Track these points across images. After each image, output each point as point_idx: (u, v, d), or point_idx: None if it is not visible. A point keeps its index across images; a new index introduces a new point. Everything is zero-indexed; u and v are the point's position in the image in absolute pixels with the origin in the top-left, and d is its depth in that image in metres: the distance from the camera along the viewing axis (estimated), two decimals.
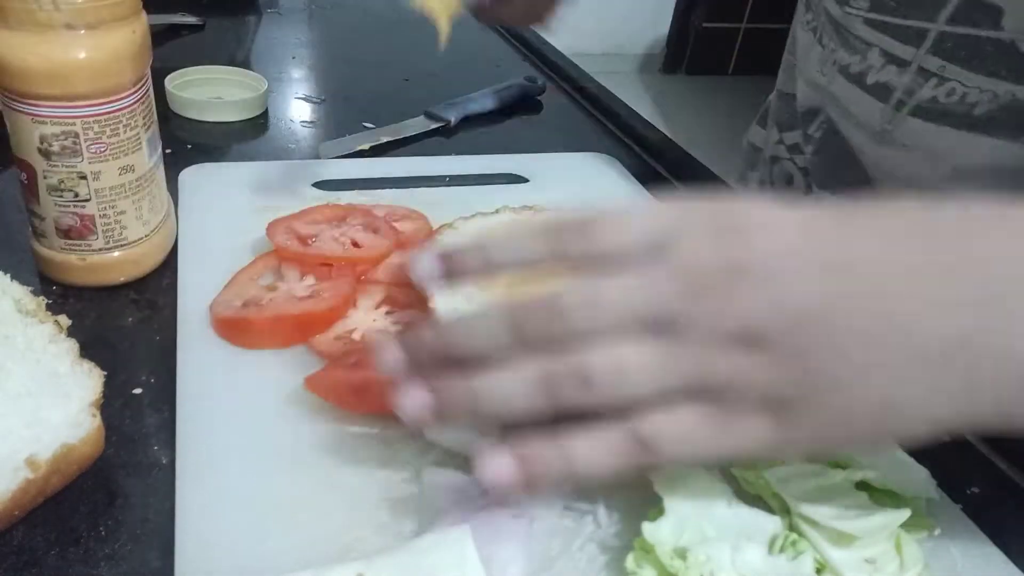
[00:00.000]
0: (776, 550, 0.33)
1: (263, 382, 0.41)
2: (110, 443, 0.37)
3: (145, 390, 0.42)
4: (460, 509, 0.35)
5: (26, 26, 0.40)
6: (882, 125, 0.55)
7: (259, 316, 0.43)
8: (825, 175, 0.64)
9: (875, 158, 0.58)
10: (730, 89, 3.46)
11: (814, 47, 0.63)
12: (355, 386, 0.40)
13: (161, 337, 0.45)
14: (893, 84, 0.53)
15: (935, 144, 0.53)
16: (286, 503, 0.35)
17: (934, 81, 0.51)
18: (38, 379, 0.36)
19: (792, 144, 0.69)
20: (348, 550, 0.33)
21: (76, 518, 0.35)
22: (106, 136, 0.44)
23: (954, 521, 0.38)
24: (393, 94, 0.83)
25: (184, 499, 0.35)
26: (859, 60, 0.56)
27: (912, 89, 0.52)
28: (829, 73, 0.60)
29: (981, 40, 0.48)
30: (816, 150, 0.65)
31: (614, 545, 0.35)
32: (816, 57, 0.62)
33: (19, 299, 0.40)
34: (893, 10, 0.52)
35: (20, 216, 0.49)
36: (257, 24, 1.00)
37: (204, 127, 0.72)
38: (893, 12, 0.52)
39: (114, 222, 0.47)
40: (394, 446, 0.39)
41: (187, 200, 0.56)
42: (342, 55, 0.95)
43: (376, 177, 0.62)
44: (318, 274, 0.48)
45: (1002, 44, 0.48)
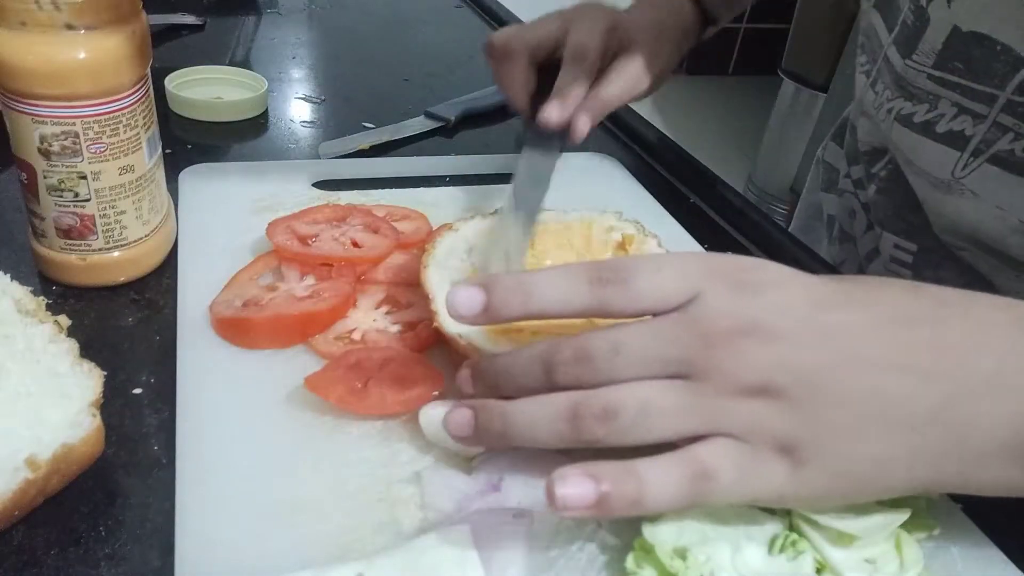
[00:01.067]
0: (776, 550, 0.33)
1: (263, 382, 0.41)
2: (110, 443, 0.37)
3: (145, 390, 0.42)
4: (460, 509, 0.35)
5: (26, 26, 0.40)
6: (951, 173, 0.54)
7: (259, 316, 0.43)
8: (887, 215, 0.63)
9: (937, 207, 0.57)
10: (730, 89, 3.45)
11: (867, 92, 0.62)
12: (355, 386, 0.40)
13: (161, 337, 0.45)
14: (969, 133, 0.52)
15: (1006, 194, 0.52)
16: (286, 503, 0.35)
17: (1011, 135, 0.50)
18: (38, 379, 0.36)
19: (857, 179, 0.68)
20: (348, 550, 0.33)
21: (76, 518, 0.35)
22: (106, 136, 0.44)
23: (954, 521, 0.38)
24: (393, 94, 0.83)
25: (184, 499, 0.35)
26: (925, 109, 0.55)
27: (989, 140, 0.51)
28: (886, 120, 0.59)
29: None
30: (880, 189, 0.64)
31: (614, 545, 0.35)
32: (870, 102, 0.62)
33: (19, 299, 0.40)
34: (960, 72, 0.52)
35: (20, 216, 0.49)
36: (257, 24, 1.00)
37: (204, 127, 0.72)
38: (960, 74, 0.52)
39: (114, 222, 0.47)
40: (394, 446, 0.39)
41: (187, 200, 0.56)
42: (342, 55, 0.95)
43: (376, 177, 0.62)
44: (318, 274, 0.48)
45: None
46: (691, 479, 0.31)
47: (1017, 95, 0.49)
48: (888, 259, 0.64)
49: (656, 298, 0.33)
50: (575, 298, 0.34)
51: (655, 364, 0.32)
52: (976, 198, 0.53)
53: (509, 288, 0.34)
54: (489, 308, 0.34)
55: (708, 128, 3.04)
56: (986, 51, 0.50)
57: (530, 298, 0.34)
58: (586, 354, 0.33)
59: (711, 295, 0.32)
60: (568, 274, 0.34)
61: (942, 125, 0.54)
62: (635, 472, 0.31)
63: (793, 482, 0.32)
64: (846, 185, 0.70)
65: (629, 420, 0.32)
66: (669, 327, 0.32)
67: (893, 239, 0.63)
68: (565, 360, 0.33)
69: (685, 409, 0.32)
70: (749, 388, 0.31)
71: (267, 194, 0.57)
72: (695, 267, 0.34)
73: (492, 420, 0.34)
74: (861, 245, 0.68)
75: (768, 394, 0.31)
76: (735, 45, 3.57)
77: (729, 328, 0.32)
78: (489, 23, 1.08)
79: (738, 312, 0.32)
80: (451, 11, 1.13)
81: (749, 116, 3.02)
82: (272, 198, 0.57)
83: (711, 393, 0.32)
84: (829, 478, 0.32)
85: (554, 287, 0.34)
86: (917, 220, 0.60)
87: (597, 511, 0.31)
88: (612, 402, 0.32)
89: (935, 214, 0.58)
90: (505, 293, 0.34)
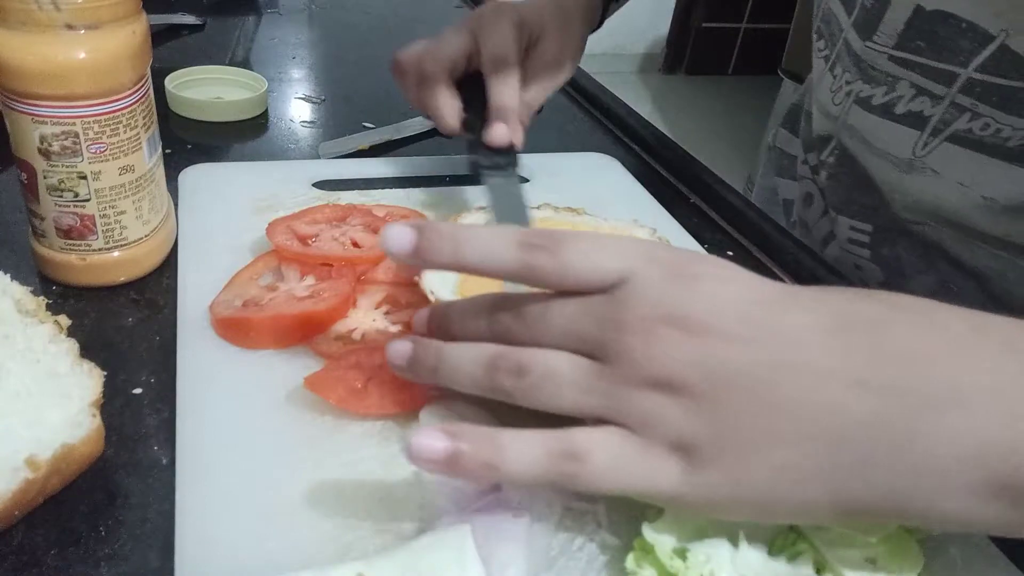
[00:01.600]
0: (776, 550, 0.33)
1: (263, 382, 0.41)
2: (110, 443, 0.37)
3: (145, 390, 0.42)
4: (460, 509, 0.35)
5: (26, 26, 0.40)
6: (912, 153, 0.55)
7: (259, 316, 0.43)
8: (840, 199, 0.65)
9: (899, 186, 0.58)
10: (730, 89, 3.46)
11: (825, 76, 0.63)
12: (355, 386, 0.40)
13: (161, 337, 0.45)
14: (928, 113, 0.53)
15: (967, 172, 0.53)
16: (286, 503, 0.35)
17: (968, 115, 0.51)
18: (38, 379, 0.36)
19: (813, 165, 0.69)
20: (348, 550, 0.33)
21: (76, 518, 0.35)
22: (106, 136, 0.44)
23: None
24: (393, 94, 0.83)
25: (184, 499, 0.35)
26: (884, 92, 0.56)
27: (947, 120, 0.52)
28: (843, 103, 0.60)
29: (1013, 88, 0.49)
30: (830, 175, 0.65)
31: (614, 545, 0.35)
32: (827, 86, 0.63)
33: (19, 299, 0.40)
34: (922, 51, 0.52)
35: (20, 216, 0.49)
36: (257, 24, 1.00)
37: (204, 127, 0.72)
38: (922, 53, 0.52)
39: (114, 222, 0.47)
40: (394, 446, 0.39)
41: (187, 200, 0.56)
42: (342, 55, 0.95)
43: (376, 177, 0.62)
44: (318, 274, 0.48)
45: None
46: (554, 456, 0.31)
47: (980, 73, 0.50)
48: (845, 240, 0.65)
49: (585, 272, 0.33)
50: (503, 258, 0.33)
51: (571, 338, 0.32)
52: (938, 176, 0.54)
53: (441, 235, 0.34)
54: (418, 250, 0.34)
55: (708, 128, 3.04)
56: (951, 29, 0.51)
57: (459, 248, 0.34)
58: (520, 312, 0.34)
59: (641, 279, 0.32)
60: (501, 234, 0.34)
61: (901, 106, 0.55)
62: (497, 438, 0.32)
63: (688, 484, 0.31)
64: (804, 171, 0.71)
65: (534, 382, 0.32)
66: (593, 305, 0.32)
67: (848, 222, 0.64)
68: (504, 313, 0.34)
69: (586, 388, 0.32)
70: (654, 380, 0.30)
71: (267, 194, 0.57)
72: (633, 251, 0.33)
73: (427, 355, 0.35)
74: (816, 229, 0.70)
75: (673, 389, 0.30)
76: (735, 45, 3.57)
77: (649, 316, 0.31)
78: None
79: (663, 301, 0.31)
80: (451, 11, 1.13)
81: (749, 116, 3.02)
82: (272, 198, 0.57)
83: (615, 378, 0.31)
84: (730, 486, 0.30)
85: (485, 243, 0.34)
86: (870, 201, 0.62)
87: (449, 468, 0.31)
88: (525, 361, 0.32)
89: (897, 193, 0.59)
90: (436, 239, 0.34)
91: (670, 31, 3.57)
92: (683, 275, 0.32)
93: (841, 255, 0.66)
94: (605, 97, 0.84)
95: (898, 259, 0.62)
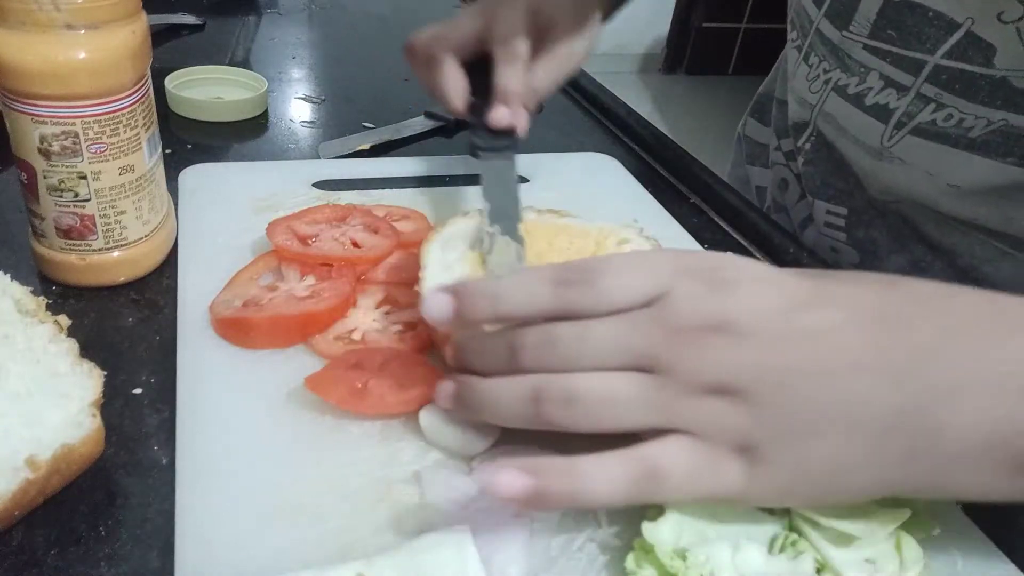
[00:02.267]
0: (776, 550, 0.33)
1: (263, 382, 0.41)
2: (110, 443, 0.37)
3: (145, 390, 0.42)
4: (460, 509, 0.35)
5: (26, 26, 0.40)
6: (880, 143, 0.57)
7: (259, 316, 0.43)
8: (818, 184, 0.66)
9: (872, 171, 0.60)
10: (730, 89, 3.45)
11: (800, 65, 0.65)
12: (355, 386, 0.40)
13: (161, 337, 0.45)
14: (893, 106, 0.55)
15: (932, 161, 0.55)
16: (286, 503, 0.35)
17: (932, 106, 0.53)
18: (38, 379, 0.36)
19: (788, 151, 0.71)
20: (348, 550, 0.33)
21: (76, 518, 0.35)
22: (106, 136, 0.44)
23: (954, 521, 0.38)
24: (393, 94, 0.83)
25: (184, 499, 0.35)
26: (857, 82, 0.58)
27: (911, 112, 0.55)
28: (821, 91, 0.61)
29: (974, 75, 0.51)
30: (807, 161, 0.66)
31: (614, 545, 0.35)
32: (803, 75, 0.64)
33: (19, 299, 0.40)
34: (893, 40, 0.54)
35: (20, 216, 0.49)
36: (257, 24, 1.00)
37: (204, 127, 0.72)
38: (893, 42, 0.54)
39: (114, 222, 0.47)
40: (394, 446, 0.39)
41: (187, 200, 0.56)
42: (342, 55, 0.95)
43: (376, 177, 0.62)
44: (318, 274, 0.48)
45: (994, 79, 0.50)
46: (636, 479, 0.31)
47: (946, 59, 0.51)
48: (822, 224, 0.66)
49: (623, 296, 0.33)
50: (541, 301, 0.34)
51: (620, 354, 0.32)
52: (905, 164, 0.56)
53: (478, 294, 0.35)
54: (459, 313, 0.35)
55: (708, 128, 3.04)
56: (918, 18, 0.53)
57: (497, 302, 0.35)
58: (551, 338, 0.33)
59: (682, 291, 0.32)
60: (534, 278, 0.35)
61: (870, 98, 0.57)
62: (576, 468, 0.32)
63: (751, 482, 0.32)
64: (777, 158, 0.73)
65: (589, 407, 0.32)
66: (638, 320, 0.33)
67: (825, 205, 0.65)
68: (530, 343, 0.34)
69: (645, 403, 0.32)
70: (711, 386, 0.31)
71: (267, 194, 0.57)
72: (665, 264, 0.34)
73: (467, 395, 0.36)
74: (795, 213, 0.71)
75: (729, 393, 0.31)
76: (735, 45, 3.57)
77: (697, 324, 0.32)
78: None
79: (708, 309, 0.32)
80: (451, 11, 1.13)
81: None
82: (272, 198, 0.57)
83: (673, 388, 0.32)
84: (787, 478, 0.32)
85: (520, 291, 0.35)
86: (845, 186, 0.63)
87: (533, 504, 0.32)
88: (572, 388, 0.32)
89: (870, 178, 0.61)
90: (473, 299, 0.35)
91: (670, 31, 3.57)
92: (719, 282, 0.33)
93: (819, 238, 0.68)
94: (605, 97, 0.84)
95: (873, 241, 0.64)
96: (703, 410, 0.32)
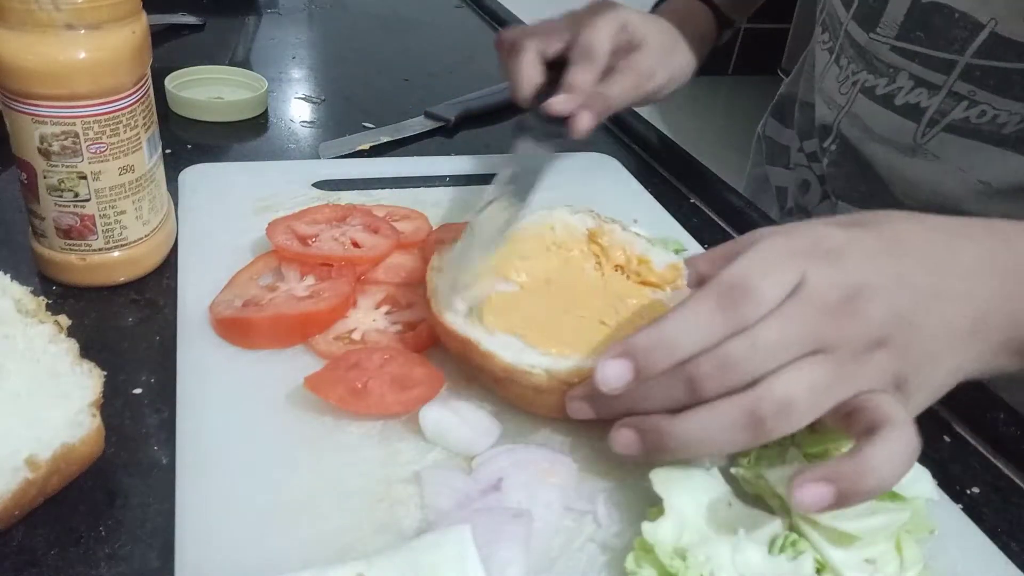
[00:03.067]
0: (776, 550, 0.33)
1: (263, 382, 0.41)
2: (110, 443, 0.37)
3: (145, 390, 0.42)
4: (460, 509, 0.35)
5: (26, 26, 0.40)
6: (914, 140, 0.58)
7: (259, 316, 0.43)
8: (842, 185, 0.67)
9: (901, 169, 0.60)
10: (730, 89, 3.45)
11: (831, 67, 0.65)
12: (355, 386, 0.40)
13: (161, 337, 0.45)
14: (924, 105, 0.56)
15: (965, 157, 0.56)
16: (286, 503, 0.35)
17: (965, 103, 0.54)
18: (38, 379, 0.36)
19: (811, 152, 0.71)
20: (348, 550, 0.33)
21: (76, 518, 0.35)
22: (106, 136, 0.44)
23: (954, 521, 0.38)
24: (393, 94, 0.83)
25: (184, 499, 0.35)
26: (886, 82, 0.58)
27: (944, 110, 0.55)
28: (849, 92, 0.62)
29: (1008, 71, 0.51)
30: (832, 162, 0.67)
31: (614, 545, 0.35)
32: (833, 76, 0.64)
33: (19, 299, 0.40)
34: (921, 40, 0.55)
35: (20, 216, 0.49)
36: (257, 24, 1.00)
37: (204, 127, 0.72)
38: (921, 43, 0.55)
39: (114, 222, 0.47)
40: (394, 446, 0.39)
41: (187, 200, 0.56)
42: (342, 55, 0.95)
43: (376, 177, 0.62)
44: (318, 274, 0.48)
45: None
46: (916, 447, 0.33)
47: (976, 58, 0.52)
48: None
49: (776, 295, 0.34)
50: (715, 328, 0.34)
51: (794, 347, 0.34)
52: (937, 161, 0.57)
53: (652, 348, 0.34)
54: (639, 372, 0.34)
55: (708, 128, 3.04)
56: (945, 19, 0.54)
57: (675, 348, 0.34)
58: (728, 361, 0.34)
59: (813, 274, 0.34)
60: (700, 310, 0.34)
61: (900, 98, 0.58)
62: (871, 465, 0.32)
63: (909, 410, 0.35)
64: (799, 159, 0.73)
65: (804, 406, 0.33)
66: (793, 312, 0.34)
67: (848, 208, 0.66)
68: (709, 373, 0.34)
69: (839, 379, 0.34)
70: (872, 342, 0.34)
71: (267, 194, 0.57)
72: (786, 252, 0.35)
73: (661, 439, 0.35)
74: (816, 214, 0.72)
75: (884, 344, 0.34)
76: (735, 45, 3.57)
77: (841, 297, 0.34)
78: (489, 23, 1.08)
79: (841, 281, 0.34)
80: (451, 11, 1.13)
81: (749, 116, 3.03)
82: (272, 198, 0.57)
83: (849, 358, 0.34)
84: (925, 398, 0.36)
85: (693, 330, 0.34)
86: (867, 188, 0.64)
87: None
88: (784, 396, 0.33)
89: (897, 178, 0.61)
90: (650, 354, 0.34)
91: None
92: (830, 253, 0.35)
93: None
94: None
95: None
96: (875, 365, 0.34)
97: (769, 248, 0.35)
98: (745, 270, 0.35)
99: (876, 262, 0.35)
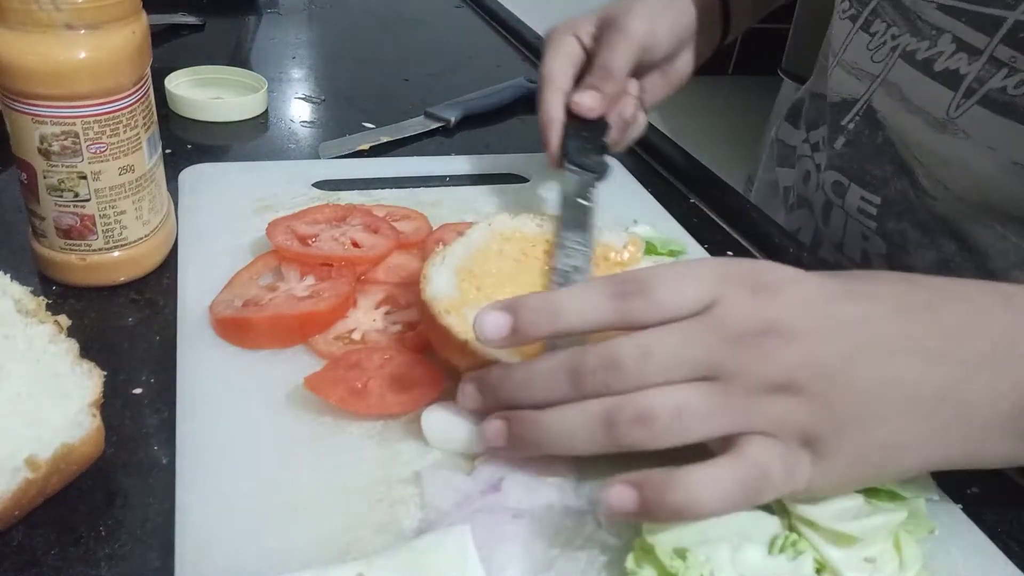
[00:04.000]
0: (776, 550, 0.33)
1: (263, 382, 0.41)
2: (110, 443, 0.37)
3: (145, 390, 0.42)
4: (460, 509, 0.35)
5: (26, 26, 0.40)
6: (945, 112, 0.56)
7: (259, 316, 0.43)
8: (854, 167, 0.65)
9: (929, 145, 0.59)
10: (730, 89, 3.45)
11: (857, 35, 0.64)
12: (355, 386, 0.40)
13: (161, 337, 0.45)
14: (964, 71, 0.54)
15: (997, 136, 0.54)
16: (286, 503, 0.35)
17: (1005, 71, 0.52)
18: (38, 379, 0.36)
19: (815, 142, 0.70)
20: (348, 550, 0.33)
21: (76, 518, 0.35)
22: (106, 136, 0.44)
23: (954, 521, 0.38)
24: (393, 94, 0.83)
25: (184, 499, 0.35)
26: (928, 46, 0.57)
27: (982, 78, 0.53)
28: (886, 59, 0.60)
29: None
30: (848, 141, 0.65)
31: (614, 545, 0.35)
32: (862, 45, 0.63)
33: (19, 299, 0.40)
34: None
35: (20, 216, 0.49)
36: (257, 24, 1.00)
37: (204, 127, 0.72)
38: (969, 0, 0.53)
39: (114, 222, 0.47)
40: (394, 446, 0.39)
41: (187, 200, 0.56)
42: (342, 55, 0.95)
43: (376, 177, 0.62)
44: (318, 274, 0.48)
45: None
46: (747, 482, 0.32)
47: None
48: (855, 210, 0.66)
49: (677, 305, 0.34)
50: (600, 313, 0.34)
51: (683, 367, 0.33)
52: (969, 138, 0.56)
53: (535, 309, 0.34)
54: (517, 330, 0.34)
55: (708, 128, 3.04)
56: None
57: (557, 317, 0.34)
58: (614, 361, 0.33)
59: (731, 298, 0.33)
60: (591, 290, 0.35)
61: (939, 63, 0.56)
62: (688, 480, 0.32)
63: (818, 473, 0.33)
64: (804, 150, 0.73)
65: (664, 423, 0.32)
66: (695, 331, 0.33)
67: (860, 191, 0.65)
68: (592, 368, 0.33)
69: (717, 410, 0.33)
70: (774, 386, 0.32)
71: (267, 194, 0.57)
72: (712, 273, 0.34)
73: (527, 430, 0.35)
74: (815, 199, 0.71)
75: (791, 390, 0.32)
76: (735, 45, 3.57)
77: (752, 329, 0.33)
78: (489, 23, 1.08)
79: (759, 313, 0.33)
80: (451, 11, 1.13)
81: (749, 116, 3.02)
82: (272, 198, 0.57)
83: (739, 393, 0.32)
84: (847, 466, 0.33)
85: (579, 304, 0.34)
86: (883, 173, 0.63)
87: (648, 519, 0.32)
88: (646, 407, 0.32)
89: (925, 154, 0.60)
90: (531, 314, 0.34)
91: None
92: (761, 287, 0.34)
93: (850, 224, 0.67)
94: None
95: (902, 233, 0.63)
96: (771, 410, 0.32)
97: (698, 265, 0.35)
98: (651, 272, 0.35)
99: (809, 307, 0.33)
